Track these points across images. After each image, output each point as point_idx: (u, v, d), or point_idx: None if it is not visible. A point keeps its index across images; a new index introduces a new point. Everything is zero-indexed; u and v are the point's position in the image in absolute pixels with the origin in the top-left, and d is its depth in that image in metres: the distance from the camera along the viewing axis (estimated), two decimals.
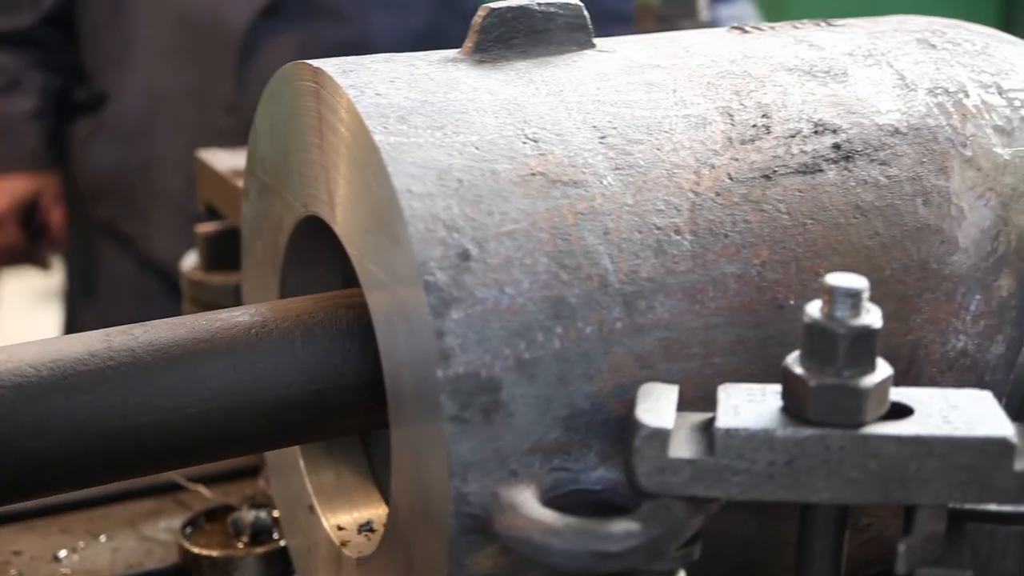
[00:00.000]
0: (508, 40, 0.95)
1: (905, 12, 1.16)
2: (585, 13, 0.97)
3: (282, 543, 1.20)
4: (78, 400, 0.84)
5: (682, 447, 0.76)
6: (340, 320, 0.92)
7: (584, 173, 0.85)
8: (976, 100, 0.98)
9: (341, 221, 0.91)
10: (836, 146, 0.92)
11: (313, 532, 1.06)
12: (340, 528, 1.04)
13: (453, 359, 0.78)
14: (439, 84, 0.89)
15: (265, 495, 1.31)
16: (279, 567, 1.19)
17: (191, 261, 1.44)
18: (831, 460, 0.75)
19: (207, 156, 1.42)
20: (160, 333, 0.90)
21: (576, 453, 0.81)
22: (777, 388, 0.78)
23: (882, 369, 0.76)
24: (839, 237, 0.89)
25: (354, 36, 2.30)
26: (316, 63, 0.92)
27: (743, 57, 0.98)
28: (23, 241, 2.64)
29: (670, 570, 0.78)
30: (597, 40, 0.98)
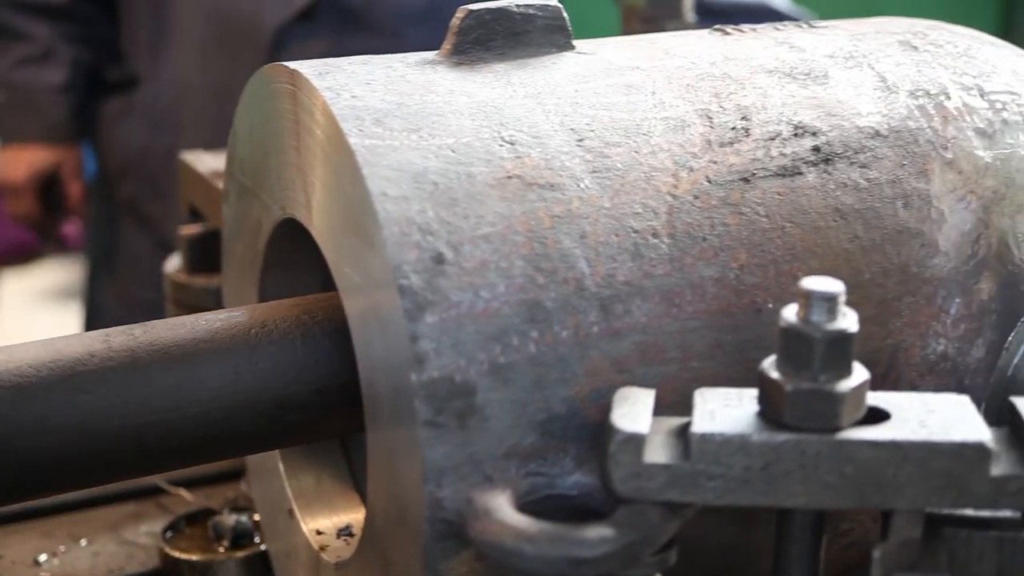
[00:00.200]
0: (486, 42, 0.94)
1: (905, 12, 1.15)
2: (564, 15, 0.96)
3: (263, 547, 1.19)
4: (78, 400, 0.84)
5: (658, 452, 0.76)
6: (340, 320, 0.92)
7: (561, 176, 0.84)
8: (957, 102, 0.97)
9: (318, 224, 0.90)
10: (816, 149, 0.91)
11: (292, 536, 1.06)
12: (319, 532, 1.03)
13: (427, 363, 0.77)
14: (416, 86, 0.89)
15: (247, 499, 1.30)
16: (260, 571, 1.18)
17: (174, 263, 1.44)
18: (807, 465, 0.74)
19: (189, 157, 1.41)
20: (160, 333, 0.90)
21: (552, 458, 0.80)
22: (754, 392, 0.78)
23: (859, 373, 0.76)
24: (818, 240, 0.88)
25: (384, 49, 2.30)
26: (293, 65, 0.91)
27: (723, 59, 0.97)
28: (40, 212, 2.65)
29: None
30: (576, 42, 0.97)
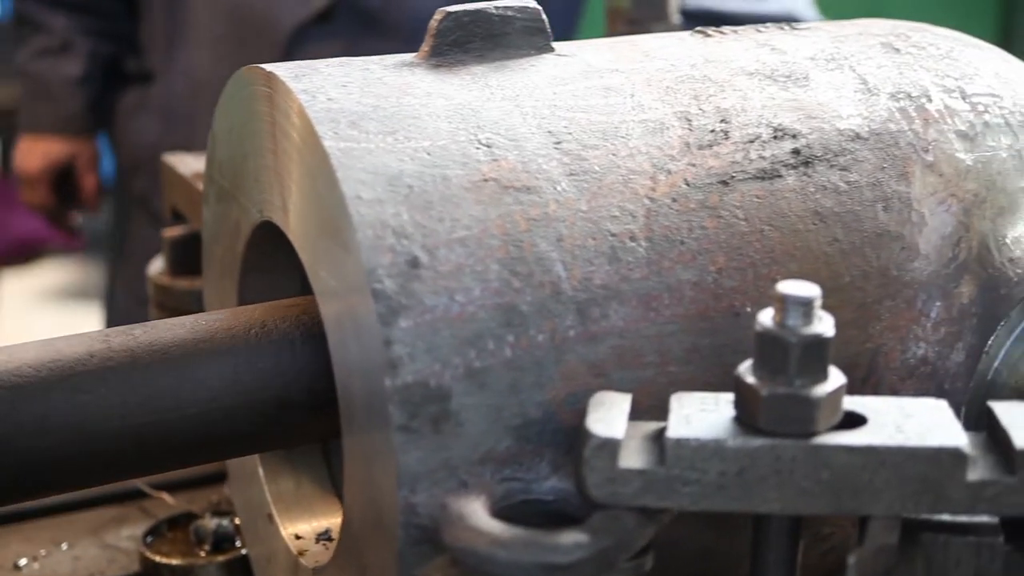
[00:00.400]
0: (464, 44, 0.94)
1: (905, 12, 1.15)
2: (543, 16, 0.96)
3: (244, 552, 1.18)
4: (78, 400, 0.85)
5: (633, 457, 0.75)
6: None
7: (538, 179, 0.84)
8: (939, 105, 0.97)
9: (294, 227, 0.90)
10: (796, 151, 0.91)
11: (272, 541, 1.05)
12: (298, 537, 1.03)
13: (401, 368, 0.77)
14: (393, 89, 0.88)
15: (230, 502, 1.29)
16: None
17: (157, 266, 1.43)
18: (783, 470, 0.74)
19: (171, 159, 1.40)
20: (160, 333, 0.90)
21: (528, 463, 0.80)
22: (731, 397, 0.77)
23: (835, 378, 0.75)
24: (797, 244, 0.88)
25: (401, 52, 2.30)
26: (270, 67, 0.91)
27: (704, 61, 0.97)
28: (54, 203, 2.65)
29: None
30: (556, 44, 0.97)
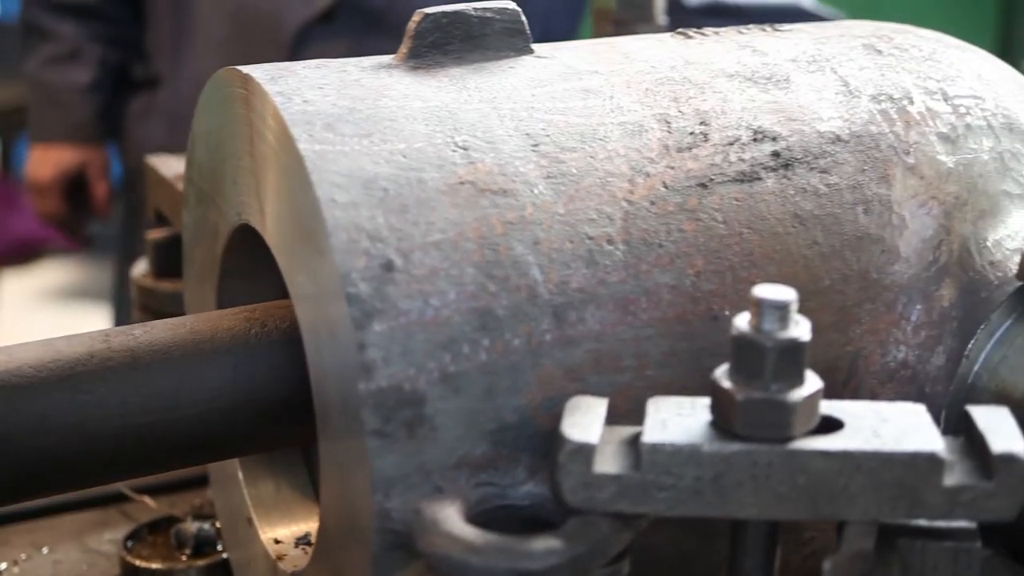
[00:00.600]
0: (443, 46, 0.93)
1: (905, 12, 1.15)
2: (522, 18, 0.95)
3: (225, 556, 1.18)
4: (78, 400, 0.85)
5: (608, 462, 0.75)
6: None
7: (515, 182, 0.83)
8: (921, 107, 0.96)
9: (271, 230, 0.89)
10: (775, 154, 0.90)
11: (251, 545, 1.05)
12: (277, 541, 1.02)
13: (375, 372, 0.76)
14: (369, 91, 0.87)
15: (212, 506, 1.29)
16: None
17: (141, 268, 1.43)
18: (759, 475, 0.73)
19: (154, 161, 1.40)
20: (160, 333, 0.90)
21: (504, 468, 0.79)
22: (708, 402, 0.77)
23: (811, 383, 0.75)
24: (777, 247, 0.87)
25: None
26: (246, 69, 0.90)
27: (684, 63, 0.96)
28: (65, 211, 2.65)
29: None
30: (535, 46, 0.96)
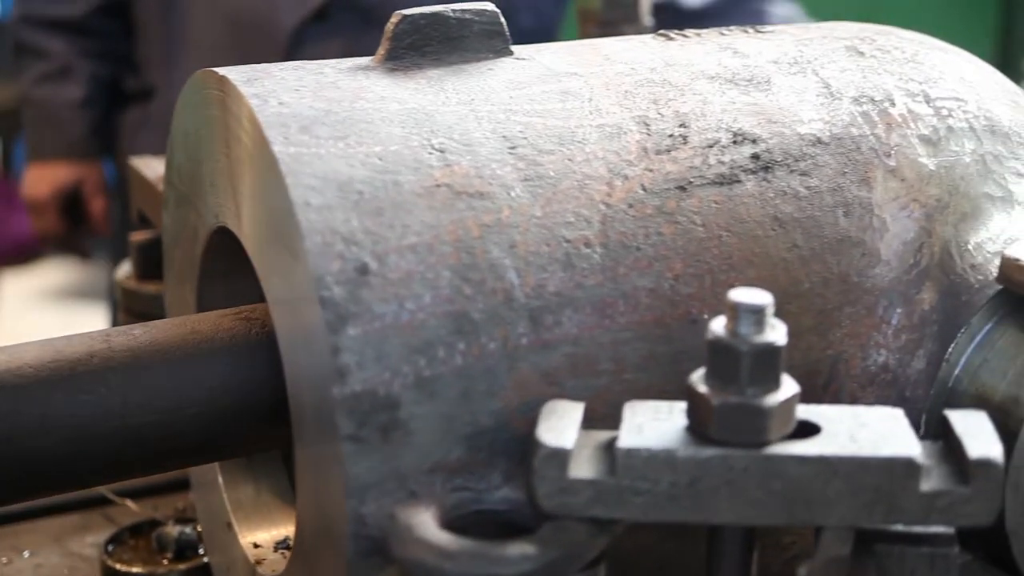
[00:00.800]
0: (421, 47, 0.92)
1: (905, 13, 1.14)
2: (501, 19, 0.95)
3: (206, 560, 1.17)
4: (78, 400, 0.84)
5: (584, 467, 0.74)
6: None
7: (491, 184, 0.83)
8: (902, 109, 0.96)
9: (248, 233, 0.89)
10: (755, 156, 0.90)
11: (231, 549, 1.04)
12: (256, 546, 1.02)
13: (350, 377, 0.76)
14: (346, 93, 0.87)
15: (195, 509, 1.28)
16: None
17: (125, 270, 1.42)
18: (734, 481, 0.73)
19: (137, 163, 1.39)
20: (160, 333, 0.89)
21: (479, 472, 0.79)
22: (685, 406, 0.76)
23: (788, 387, 0.74)
24: (756, 249, 0.87)
25: None
26: (222, 71, 0.90)
27: (664, 65, 0.96)
28: (63, 229, 2.64)
29: None
30: (515, 47, 0.96)
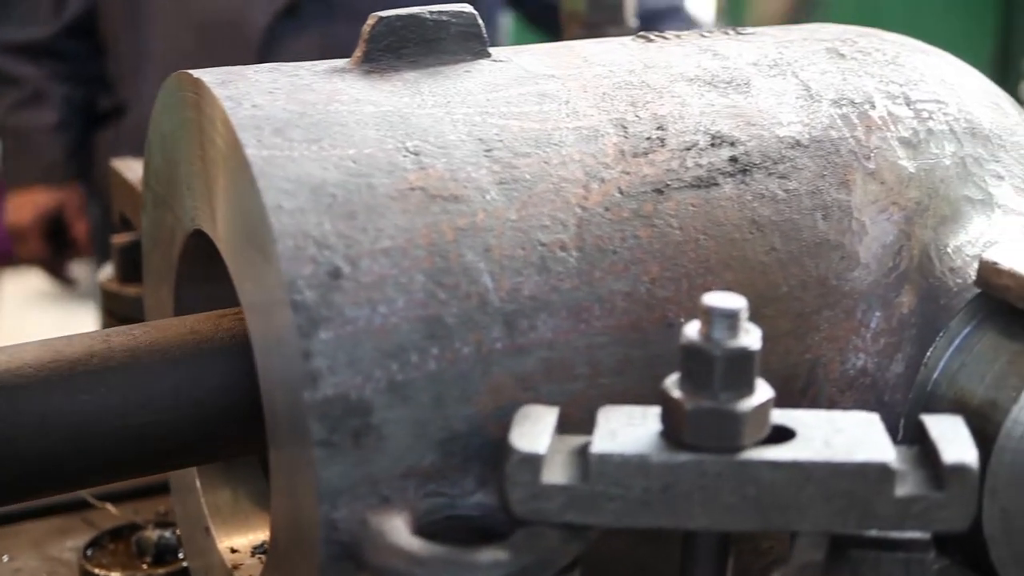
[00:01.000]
0: (398, 50, 0.92)
1: (905, 14, 1.14)
2: (479, 21, 0.94)
3: (186, 564, 1.16)
4: (78, 400, 0.84)
5: (557, 473, 0.74)
6: None
7: (466, 188, 0.82)
8: (882, 111, 0.95)
9: (222, 236, 0.88)
10: (733, 159, 0.89)
11: (209, 554, 1.03)
12: (234, 551, 1.01)
13: (321, 381, 0.75)
14: (321, 95, 0.86)
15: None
16: None
17: (107, 272, 1.41)
18: (708, 486, 0.72)
19: (119, 165, 1.38)
20: (160, 333, 0.89)
21: (453, 478, 0.78)
22: (659, 411, 0.76)
23: (762, 392, 0.74)
24: (733, 253, 0.86)
25: None
26: (197, 73, 0.89)
27: (643, 67, 0.95)
28: (47, 254, 2.61)
29: None
30: (493, 49, 0.95)
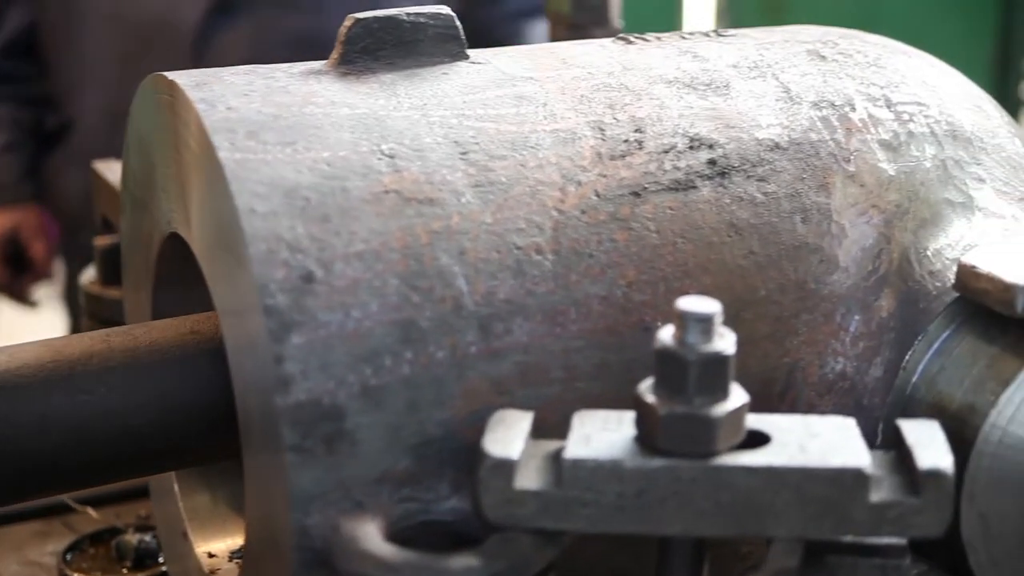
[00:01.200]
0: (375, 51, 0.91)
1: (905, 14, 1.13)
2: (457, 23, 0.94)
3: (165, 568, 1.16)
4: (78, 400, 0.84)
5: (530, 478, 0.73)
6: None
7: (441, 191, 0.81)
8: (863, 114, 0.95)
9: (197, 240, 0.87)
10: (712, 162, 0.89)
11: (187, 559, 1.03)
12: (211, 555, 1.00)
13: (293, 386, 0.74)
14: (296, 98, 0.86)
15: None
16: None
17: (89, 275, 1.41)
18: (682, 492, 0.72)
19: (101, 167, 1.38)
20: (160, 333, 0.89)
21: (427, 483, 0.77)
22: (634, 416, 0.75)
23: (736, 396, 0.73)
24: (711, 256, 0.86)
25: (309, 26, 2.28)
26: (172, 75, 0.88)
27: (622, 69, 0.95)
28: (6, 277, 2.59)
29: None
30: (471, 51, 0.94)
